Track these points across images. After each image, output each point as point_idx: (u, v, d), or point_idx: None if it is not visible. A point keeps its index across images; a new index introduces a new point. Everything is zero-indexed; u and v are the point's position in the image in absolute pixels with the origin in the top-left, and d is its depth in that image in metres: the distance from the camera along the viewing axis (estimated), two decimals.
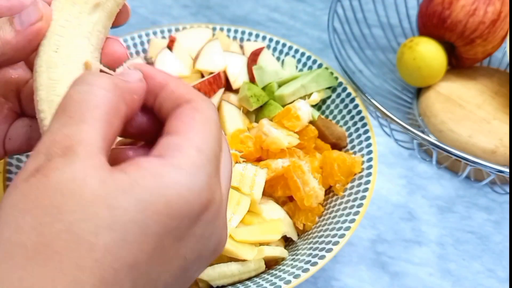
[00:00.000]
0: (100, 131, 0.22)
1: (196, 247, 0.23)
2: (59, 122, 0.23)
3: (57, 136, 0.22)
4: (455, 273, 0.51)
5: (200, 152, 0.23)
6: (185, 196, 0.22)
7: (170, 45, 0.56)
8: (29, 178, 0.21)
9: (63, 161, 0.21)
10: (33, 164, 0.22)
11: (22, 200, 0.21)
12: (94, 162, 0.21)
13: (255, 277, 0.42)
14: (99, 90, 0.23)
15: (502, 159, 0.56)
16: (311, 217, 0.46)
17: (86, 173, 0.21)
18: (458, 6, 0.57)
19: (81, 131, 0.22)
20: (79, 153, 0.21)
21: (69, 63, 0.29)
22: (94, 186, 0.21)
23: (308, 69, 0.57)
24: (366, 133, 0.50)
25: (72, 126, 0.22)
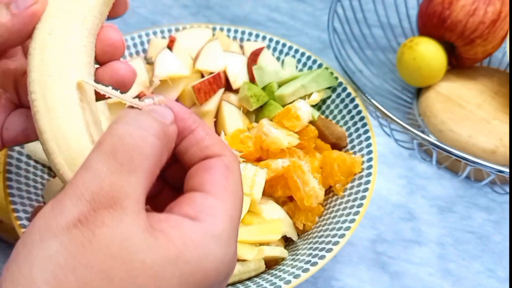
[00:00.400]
0: (145, 184, 0.22)
1: None
2: (107, 167, 0.22)
3: (104, 183, 0.21)
4: (455, 273, 0.51)
5: (232, 220, 0.24)
6: (219, 269, 0.23)
7: (170, 45, 0.56)
8: (71, 228, 0.21)
9: (110, 216, 0.21)
10: (75, 210, 0.21)
11: (65, 255, 0.20)
12: (140, 222, 0.21)
13: (255, 277, 0.42)
14: (151, 137, 0.23)
15: (502, 159, 0.56)
16: (311, 217, 0.46)
17: (134, 236, 0.21)
18: (458, 6, 0.57)
19: (130, 183, 0.22)
20: (127, 210, 0.21)
21: (63, 45, 0.28)
22: (143, 254, 0.21)
23: (308, 69, 0.57)
24: (366, 133, 0.50)
25: (121, 176, 0.22)
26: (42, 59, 0.28)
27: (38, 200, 0.45)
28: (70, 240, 0.20)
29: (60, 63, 0.28)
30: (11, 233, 0.48)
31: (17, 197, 0.43)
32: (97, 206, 0.21)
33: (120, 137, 0.22)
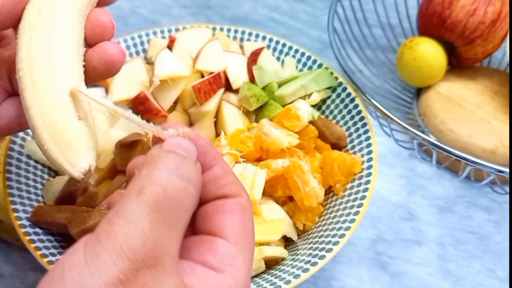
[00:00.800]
0: (182, 235, 0.22)
1: None
2: (150, 221, 0.21)
3: (147, 240, 0.21)
4: (455, 273, 0.51)
5: (249, 269, 0.24)
6: None
7: (170, 45, 0.56)
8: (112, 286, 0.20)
9: (151, 277, 0.20)
10: (115, 268, 0.20)
11: None
12: (177, 281, 0.21)
13: (255, 277, 0.42)
14: (192, 189, 0.23)
15: (502, 159, 0.56)
16: (311, 217, 0.46)
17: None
18: (458, 6, 0.57)
19: (171, 239, 0.21)
20: (166, 268, 0.21)
21: (51, 23, 0.28)
22: None
23: (308, 69, 0.57)
24: (366, 133, 0.50)
25: (163, 232, 0.21)
26: (30, 37, 0.28)
27: (38, 200, 0.45)
28: None
29: (48, 40, 0.28)
30: (11, 233, 0.48)
31: (17, 197, 0.43)
32: (139, 266, 0.20)
33: (164, 188, 0.22)
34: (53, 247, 0.41)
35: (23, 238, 0.40)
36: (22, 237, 0.40)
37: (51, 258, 0.39)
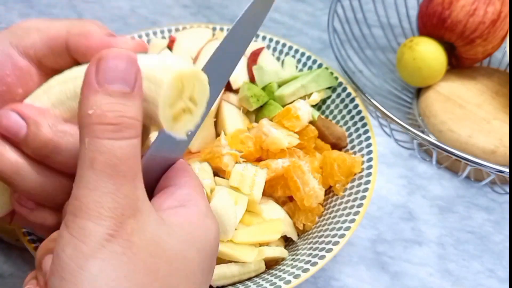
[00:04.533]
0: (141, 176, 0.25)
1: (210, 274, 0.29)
2: (113, 182, 0.23)
3: (118, 197, 0.23)
4: (455, 273, 0.51)
5: (204, 198, 0.29)
6: (216, 236, 0.28)
7: (170, 45, 0.56)
8: (105, 244, 0.22)
9: (136, 223, 0.23)
10: (101, 229, 0.22)
11: (111, 268, 0.22)
12: (157, 219, 0.25)
13: (255, 277, 0.42)
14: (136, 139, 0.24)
15: (502, 159, 0.56)
16: (311, 217, 0.46)
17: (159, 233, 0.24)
18: (458, 6, 0.57)
19: (138, 188, 0.24)
20: (145, 212, 0.24)
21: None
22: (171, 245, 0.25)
23: (308, 69, 0.57)
24: (366, 133, 0.50)
25: (129, 185, 0.23)
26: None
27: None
28: (110, 254, 0.22)
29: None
30: (11, 233, 0.48)
31: None
32: (122, 219, 0.23)
33: (113, 154, 0.23)
34: None
35: (23, 238, 0.40)
36: (22, 237, 0.40)
37: None
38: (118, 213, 0.23)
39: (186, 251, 0.25)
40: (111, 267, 0.22)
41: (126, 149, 0.24)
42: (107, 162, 0.23)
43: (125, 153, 0.23)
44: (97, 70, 0.24)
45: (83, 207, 0.23)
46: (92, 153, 0.23)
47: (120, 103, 0.24)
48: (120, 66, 0.24)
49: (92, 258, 0.22)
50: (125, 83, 0.24)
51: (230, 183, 0.44)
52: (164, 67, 0.25)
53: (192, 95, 0.27)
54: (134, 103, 0.24)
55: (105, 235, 0.22)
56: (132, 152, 0.24)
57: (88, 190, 0.23)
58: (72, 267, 0.22)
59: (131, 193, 0.23)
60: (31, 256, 0.39)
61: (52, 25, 0.31)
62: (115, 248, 0.22)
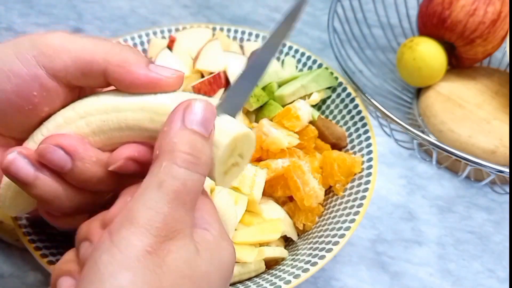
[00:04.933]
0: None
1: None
2: (170, 206, 0.25)
3: (168, 219, 0.25)
4: (455, 273, 0.51)
5: (220, 222, 0.29)
6: (232, 256, 0.28)
7: (170, 45, 0.56)
8: (141, 259, 0.23)
9: (174, 244, 0.25)
10: (141, 244, 0.24)
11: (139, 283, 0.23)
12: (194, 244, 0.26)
13: (255, 277, 0.42)
14: (204, 177, 0.27)
15: (502, 159, 0.56)
16: (311, 217, 0.46)
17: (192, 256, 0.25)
18: (458, 6, 0.57)
19: (189, 216, 0.26)
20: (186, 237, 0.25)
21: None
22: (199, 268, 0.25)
23: (308, 69, 0.57)
24: (366, 133, 0.49)
25: (183, 211, 0.25)
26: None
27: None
28: (143, 269, 0.23)
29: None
30: (11, 234, 0.48)
31: None
32: (163, 239, 0.24)
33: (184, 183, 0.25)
34: (53, 247, 0.41)
35: (23, 238, 0.40)
36: (22, 237, 0.40)
37: (51, 258, 0.39)
38: (163, 234, 0.24)
39: (210, 272, 0.26)
40: (140, 280, 0.23)
41: (195, 182, 0.26)
42: (175, 188, 0.25)
43: (193, 185, 0.26)
44: (184, 113, 0.27)
45: (133, 221, 0.24)
46: (164, 176, 0.25)
47: (200, 142, 0.27)
48: (204, 114, 0.27)
49: (125, 269, 0.23)
50: (205, 129, 0.27)
51: None
52: (223, 129, 0.28)
53: (242, 152, 0.30)
54: (209, 147, 0.27)
55: (143, 251, 0.24)
56: (198, 186, 0.26)
57: (145, 207, 0.25)
58: (104, 274, 0.23)
59: (182, 218, 0.25)
60: (31, 256, 0.39)
61: (84, 47, 0.30)
62: (148, 265, 0.23)
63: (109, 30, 0.75)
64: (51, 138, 0.30)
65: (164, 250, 0.24)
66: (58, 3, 0.79)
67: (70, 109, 0.31)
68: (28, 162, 0.29)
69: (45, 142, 0.30)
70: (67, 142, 0.29)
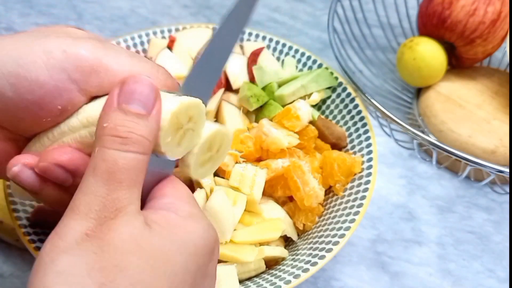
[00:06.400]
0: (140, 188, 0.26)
1: (208, 283, 0.28)
2: (107, 187, 0.25)
3: (106, 200, 0.24)
4: (455, 273, 0.51)
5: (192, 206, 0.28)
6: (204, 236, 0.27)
7: (170, 45, 0.56)
8: (79, 242, 0.23)
9: (116, 223, 0.24)
10: (80, 228, 0.24)
11: (77, 265, 0.23)
12: (140, 219, 0.25)
13: (255, 277, 0.42)
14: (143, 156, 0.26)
15: (502, 159, 0.56)
16: (311, 217, 0.46)
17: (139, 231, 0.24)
18: (458, 6, 0.57)
19: (131, 194, 0.25)
20: (129, 213, 0.25)
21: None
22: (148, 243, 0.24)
23: (308, 69, 0.57)
24: (366, 133, 0.50)
25: (122, 190, 0.25)
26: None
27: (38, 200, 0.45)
28: (82, 251, 0.23)
29: None
30: (11, 234, 0.48)
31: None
32: (103, 220, 0.24)
33: (115, 162, 0.25)
34: None
35: (23, 238, 0.40)
36: (22, 237, 0.40)
37: None
38: (102, 215, 0.24)
39: (167, 250, 0.25)
40: (79, 263, 0.23)
41: (129, 161, 0.25)
42: (107, 169, 0.25)
43: (126, 164, 0.25)
44: (120, 91, 0.27)
45: (74, 208, 0.24)
46: (96, 160, 0.25)
47: (132, 121, 0.26)
48: (140, 90, 0.27)
49: (63, 254, 0.23)
50: (142, 105, 0.26)
51: (230, 183, 0.44)
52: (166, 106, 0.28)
53: (213, 144, 0.31)
54: (147, 125, 0.26)
55: (83, 234, 0.23)
56: (134, 164, 0.25)
57: (82, 193, 0.25)
58: (45, 261, 0.23)
59: (122, 199, 0.25)
60: (31, 256, 0.39)
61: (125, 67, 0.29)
62: (87, 246, 0.23)
63: (109, 30, 0.75)
64: (52, 154, 0.29)
65: (104, 230, 0.24)
66: (58, 3, 0.79)
67: (75, 116, 0.30)
68: (33, 174, 0.30)
69: (45, 158, 0.29)
70: (67, 158, 0.29)
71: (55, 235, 0.24)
